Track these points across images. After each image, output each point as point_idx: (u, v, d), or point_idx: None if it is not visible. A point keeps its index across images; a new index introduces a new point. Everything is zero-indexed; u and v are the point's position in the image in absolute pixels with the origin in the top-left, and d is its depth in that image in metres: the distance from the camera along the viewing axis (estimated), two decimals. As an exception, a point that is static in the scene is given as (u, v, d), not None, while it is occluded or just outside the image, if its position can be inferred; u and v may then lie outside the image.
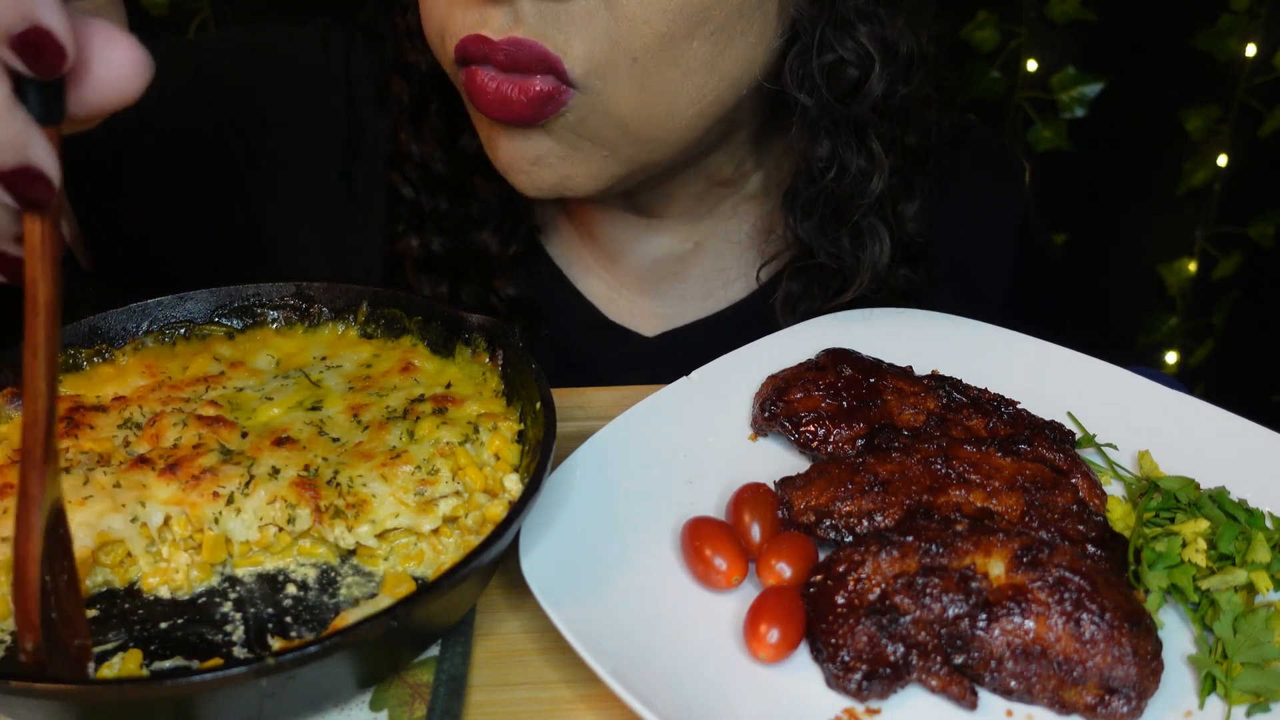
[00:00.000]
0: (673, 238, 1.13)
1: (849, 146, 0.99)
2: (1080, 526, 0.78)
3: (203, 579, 0.76)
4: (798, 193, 1.03)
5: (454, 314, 0.90)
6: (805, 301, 1.09)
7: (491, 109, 0.88)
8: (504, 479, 0.79)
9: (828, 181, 1.00)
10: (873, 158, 1.00)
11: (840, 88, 0.95)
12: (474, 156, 1.08)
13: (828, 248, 1.04)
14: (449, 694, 0.70)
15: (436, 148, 1.09)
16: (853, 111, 0.96)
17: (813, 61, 0.94)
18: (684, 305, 1.16)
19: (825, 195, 1.01)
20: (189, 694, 0.62)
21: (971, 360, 0.97)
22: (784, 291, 1.09)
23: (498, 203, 1.10)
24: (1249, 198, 2.43)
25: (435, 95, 1.07)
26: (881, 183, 1.00)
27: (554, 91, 0.86)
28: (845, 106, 0.96)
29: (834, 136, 0.98)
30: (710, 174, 1.07)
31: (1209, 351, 2.62)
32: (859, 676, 0.69)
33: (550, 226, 1.17)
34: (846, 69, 0.94)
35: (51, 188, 0.55)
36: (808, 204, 1.03)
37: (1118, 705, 0.67)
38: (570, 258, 1.17)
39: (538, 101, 0.86)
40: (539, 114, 0.87)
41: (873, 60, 0.94)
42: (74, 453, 0.79)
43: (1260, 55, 2.28)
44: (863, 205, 1.01)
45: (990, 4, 2.25)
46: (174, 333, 0.93)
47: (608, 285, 1.17)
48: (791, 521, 0.80)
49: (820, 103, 0.95)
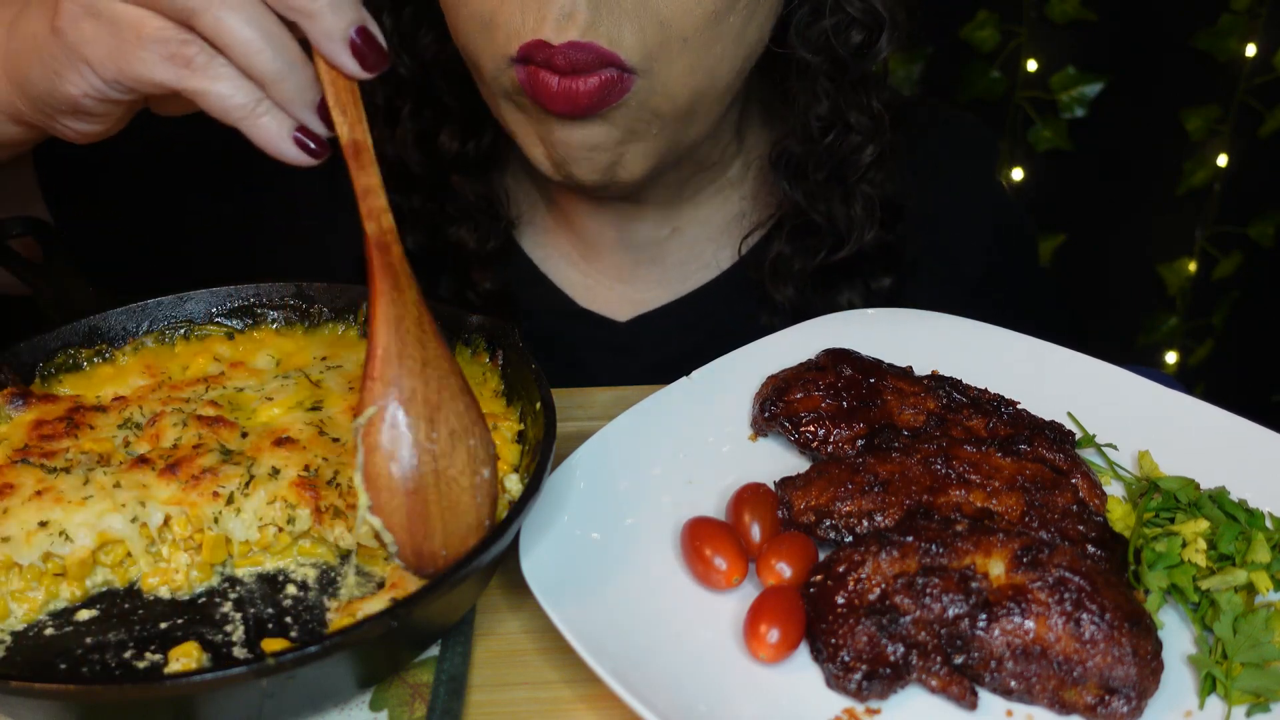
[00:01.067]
0: (652, 224, 1.14)
1: (853, 105, 1.02)
2: (1080, 527, 0.78)
3: (203, 579, 0.76)
4: (791, 155, 1.05)
5: (454, 314, 0.90)
6: (797, 261, 1.10)
7: (558, 104, 0.89)
8: (504, 479, 0.79)
9: (829, 141, 1.02)
10: (874, 115, 1.03)
11: (849, 46, 0.98)
12: (453, 156, 1.08)
13: (824, 211, 1.06)
14: (449, 694, 0.70)
15: (413, 149, 1.09)
16: (862, 69, 0.99)
17: (824, 21, 0.96)
18: (658, 290, 1.17)
19: (827, 154, 1.04)
20: (189, 694, 0.62)
21: (971, 360, 0.96)
22: (774, 254, 1.10)
23: (475, 199, 1.10)
24: (1249, 198, 2.43)
25: (409, 98, 1.07)
26: (883, 141, 1.03)
27: (617, 79, 0.88)
28: (854, 66, 0.99)
29: (835, 97, 1.01)
30: (698, 158, 1.08)
31: (1209, 351, 2.62)
32: (859, 676, 0.69)
33: (526, 219, 1.17)
34: (854, 29, 0.97)
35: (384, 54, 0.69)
36: (804, 166, 1.05)
37: (1118, 705, 0.67)
38: (545, 249, 1.18)
39: (602, 89, 0.88)
40: (603, 103, 0.89)
41: (883, 19, 0.97)
42: (74, 453, 0.79)
43: (1260, 55, 2.28)
44: (863, 163, 1.04)
45: (990, 4, 2.25)
46: (174, 333, 0.93)
47: (583, 273, 1.17)
48: (791, 521, 0.80)
49: (828, 60, 0.98)
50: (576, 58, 0.86)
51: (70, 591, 0.74)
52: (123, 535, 0.75)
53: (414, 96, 1.07)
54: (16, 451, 0.79)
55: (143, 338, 0.92)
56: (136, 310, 0.92)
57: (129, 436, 0.82)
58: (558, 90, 0.88)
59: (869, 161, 1.04)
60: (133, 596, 0.75)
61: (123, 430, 0.82)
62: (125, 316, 0.91)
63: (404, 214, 1.11)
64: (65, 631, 0.72)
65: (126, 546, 0.75)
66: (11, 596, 0.72)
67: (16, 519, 0.74)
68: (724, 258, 1.17)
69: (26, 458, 0.78)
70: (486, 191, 1.09)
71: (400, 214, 1.11)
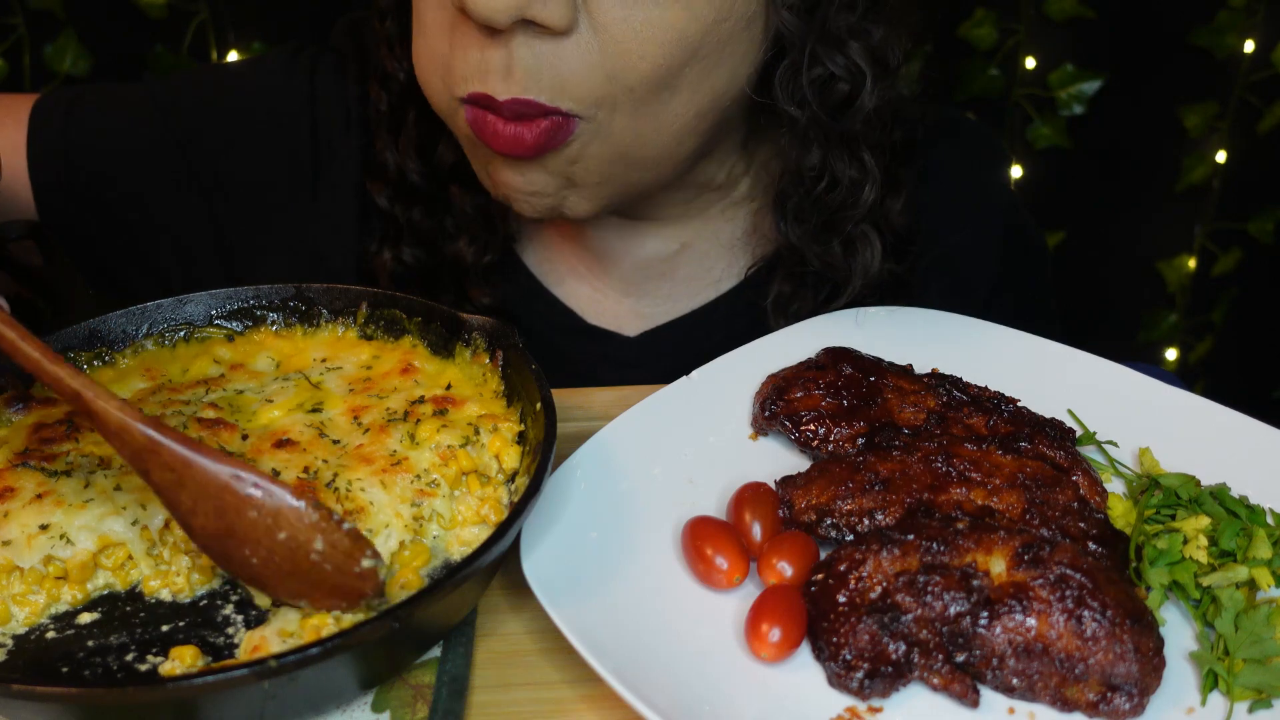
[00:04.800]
0: (661, 240, 1.13)
1: (840, 158, 1.00)
2: (1081, 524, 0.78)
3: (204, 581, 0.76)
4: (788, 195, 1.03)
5: (454, 315, 0.90)
6: (796, 303, 1.09)
7: (504, 146, 0.89)
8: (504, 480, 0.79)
9: (819, 191, 1.01)
10: (864, 168, 1.00)
11: (831, 101, 0.96)
12: (450, 167, 1.08)
13: (820, 254, 1.04)
14: (451, 695, 0.70)
15: (413, 157, 1.09)
16: (844, 125, 0.97)
17: (803, 76, 0.94)
18: (668, 305, 1.17)
19: (817, 204, 1.02)
20: (191, 696, 0.62)
21: (971, 358, 0.96)
22: (775, 293, 1.09)
23: (473, 212, 1.10)
24: (1248, 194, 2.43)
25: (413, 104, 1.07)
26: (873, 192, 1.01)
27: (561, 123, 0.88)
28: (836, 121, 0.97)
29: (824, 147, 0.99)
30: (700, 181, 1.07)
31: (1209, 348, 2.62)
32: (861, 675, 0.69)
33: (527, 234, 1.17)
34: (837, 84, 0.95)
35: None
36: (799, 210, 1.03)
37: (1120, 702, 0.67)
38: (549, 264, 1.17)
39: (546, 135, 0.88)
40: (548, 147, 0.89)
41: (864, 75, 0.95)
42: (74, 456, 0.79)
43: (1258, 51, 2.28)
44: (855, 215, 1.02)
45: (988, 2, 2.25)
46: (173, 335, 0.93)
47: (592, 288, 1.17)
48: (792, 520, 0.80)
49: (811, 116, 0.96)
50: (520, 110, 0.87)
51: (71, 594, 0.73)
52: (124, 538, 0.75)
53: (415, 104, 1.07)
54: (17, 455, 0.79)
55: (142, 340, 0.92)
56: (136, 313, 0.92)
57: (129, 439, 0.82)
58: (504, 134, 0.88)
59: (868, 204, 1.02)
60: (134, 599, 0.75)
61: (123, 433, 0.82)
62: (125, 319, 0.91)
63: (404, 227, 1.11)
64: (67, 634, 0.72)
65: (127, 549, 0.75)
66: (13, 600, 0.72)
67: (17, 522, 0.74)
68: (734, 273, 1.16)
69: (27, 461, 0.79)
70: (485, 203, 1.09)
71: (400, 227, 1.11)
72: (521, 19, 0.83)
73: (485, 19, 0.82)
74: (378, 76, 1.09)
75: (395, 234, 1.12)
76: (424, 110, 1.06)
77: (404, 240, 1.11)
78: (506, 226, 1.14)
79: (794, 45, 0.93)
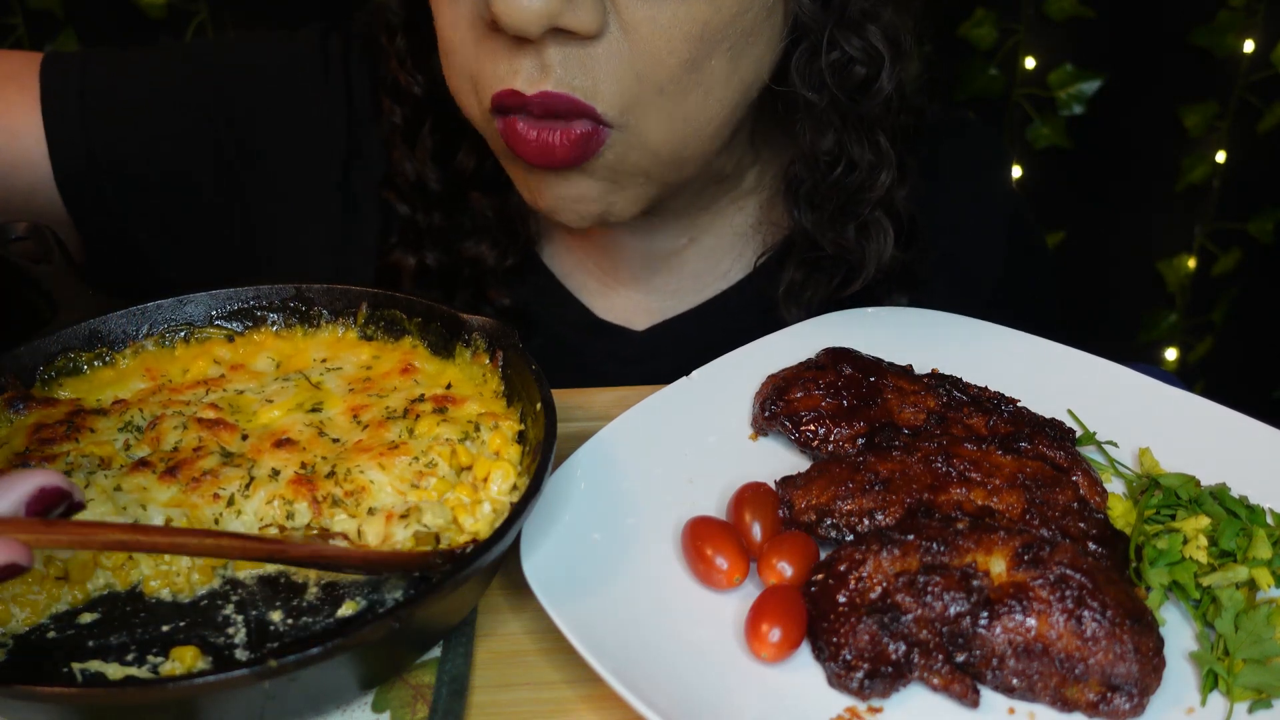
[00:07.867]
0: (669, 234, 1.13)
1: (858, 142, 1.00)
2: (1081, 524, 0.78)
3: (204, 581, 0.76)
4: (800, 181, 1.04)
5: (454, 315, 0.90)
6: (809, 290, 1.09)
7: (534, 157, 0.89)
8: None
9: (836, 175, 1.01)
10: (880, 151, 1.01)
11: (850, 85, 0.96)
12: (471, 174, 1.08)
13: (834, 240, 1.05)
14: (451, 695, 0.71)
15: (431, 166, 1.09)
16: (864, 108, 0.97)
17: (821, 60, 0.94)
18: (676, 299, 1.17)
19: (833, 189, 1.02)
20: (191, 696, 0.62)
21: (971, 358, 0.97)
22: (787, 282, 1.09)
23: (494, 216, 1.10)
24: (1248, 194, 2.43)
25: (428, 116, 1.07)
26: (889, 175, 1.01)
27: (592, 133, 0.88)
28: (855, 103, 0.97)
29: (841, 132, 0.99)
30: (712, 174, 1.07)
31: (1209, 348, 2.62)
32: (861, 675, 0.69)
33: (546, 234, 1.17)
34: (854, 67, 0.95)
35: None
36: (813, 196, 1.03)
37: (1120, 702, 0.67)
38: (567, 263, 1.17)
39: (578, 145, 0.88)
40: (580, 157, 0.89)
41: (882, 57, 0.95)
42: (75, 456, 0.79)
43: (1258, 51, 2.28)
44: (870, 199, 1.02)
45: (988, 1, 2.25)
46: (174, 336, 0.93)
47: (601, 283, 1.17)
48: (792, 521, 0.80)
49: (830, 100, 0.96)
50: (550, 104, 0.86)
51: (72, 595, 0.74)
52: (124, 538, 0.75)
53: (431, 115, 1.07)
54: (17, 455, 0.79)
55: (143, 341, 0.92)
56: (136, 313, 0.92)
57: (129, 439, 0.82)
58: (534, 142, 0.88)
59: (885, 187, 1.02)
60: (134, 599, 0.75)
61: (123, 433, 0.82)
62: (125, 320, 0.91)
63: (423, 230, 1.11)
64: (67, 634, 0.72)
65: (128, 549, 0.75)
66: (13, 600, 0.72)
67: (17, 522, 0.74)
68: (741, 266, 1.16)
69: (27, 461, 0.79)
70: (505, 208, 1.09)
71: (419, 230, 1.11)
72: (553, 27, 0.83)
73: (518, 29, 0.82)
74: (390, 90, 1.09)
75: (415, 237, 1.12)
76: (439, 120, 1.06)
77: (424, 245, 1.11)
78: (527, 229, 1.14)
79: (812, 30, 0.93)
